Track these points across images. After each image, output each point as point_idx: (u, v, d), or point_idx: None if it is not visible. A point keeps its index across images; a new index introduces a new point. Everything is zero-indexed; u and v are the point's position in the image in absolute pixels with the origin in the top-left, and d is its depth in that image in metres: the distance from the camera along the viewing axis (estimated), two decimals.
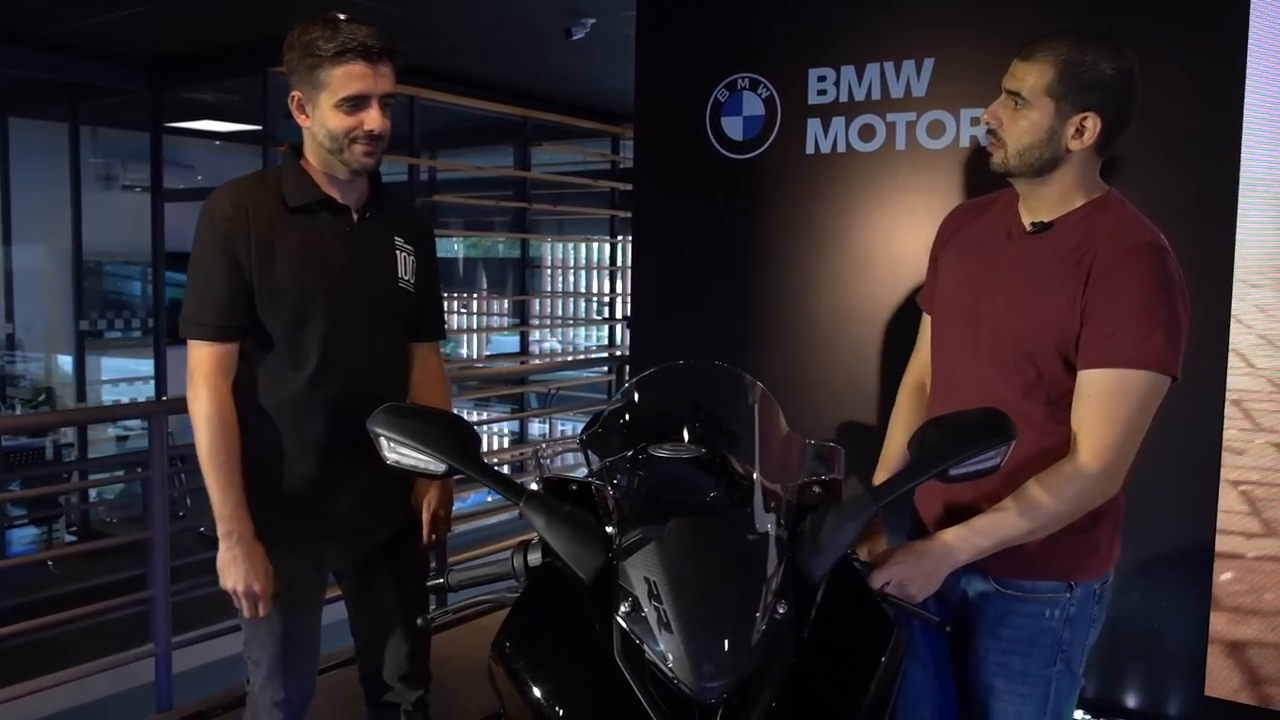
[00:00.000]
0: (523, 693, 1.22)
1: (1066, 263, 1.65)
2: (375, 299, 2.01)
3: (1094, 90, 1.62)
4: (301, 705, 2.05)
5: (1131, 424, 1.61)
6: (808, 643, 1.23)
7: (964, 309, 1.78)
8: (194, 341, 1.90)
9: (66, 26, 5.91)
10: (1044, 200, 1.72)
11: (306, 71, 1.84)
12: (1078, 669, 1.81)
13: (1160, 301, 1.60)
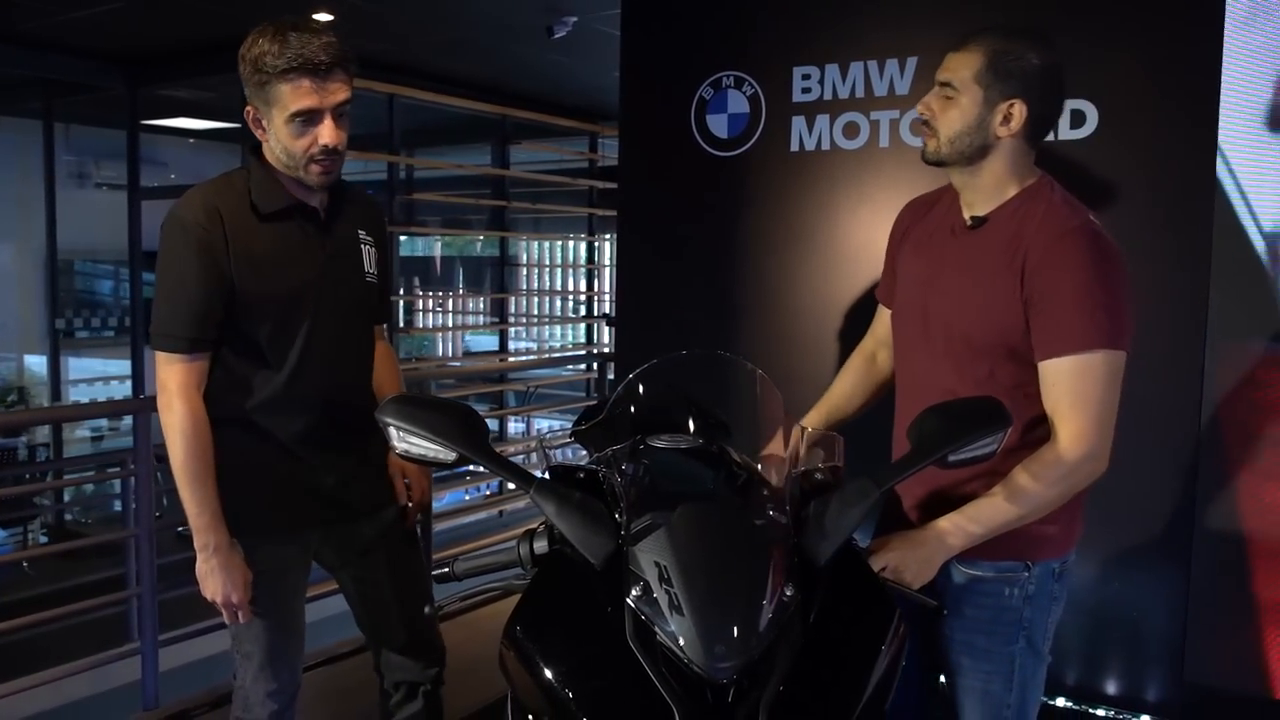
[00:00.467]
0: (535, 676, 1.24)
1: (1002, 259, 1.70)
2: (349, 296, 2.02)
3: (1019, 79, 1.69)
4: (292, 693, 2.06)
5: (1103, 403, 1.66)
6: (814, 625, 1.26)
7: (916, 307, 1.85)
8: (165, 354, 1.86)
9: (41, 21, 5.87)
10: (979, 191, 1.77)
11: (257, 87, 1.82)
12: (1042, 647, 1.85)
13: (1099, 280, 1.65)
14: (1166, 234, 2.76)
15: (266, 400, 1.93)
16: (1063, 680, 2.97)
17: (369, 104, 7.32)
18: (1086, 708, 2.92)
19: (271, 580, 1.97)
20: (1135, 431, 2.81)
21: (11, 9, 5.60)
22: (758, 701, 1.15)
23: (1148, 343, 2.77)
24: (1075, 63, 2.80)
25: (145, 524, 3.26)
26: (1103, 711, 2.90)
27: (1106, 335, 1.63)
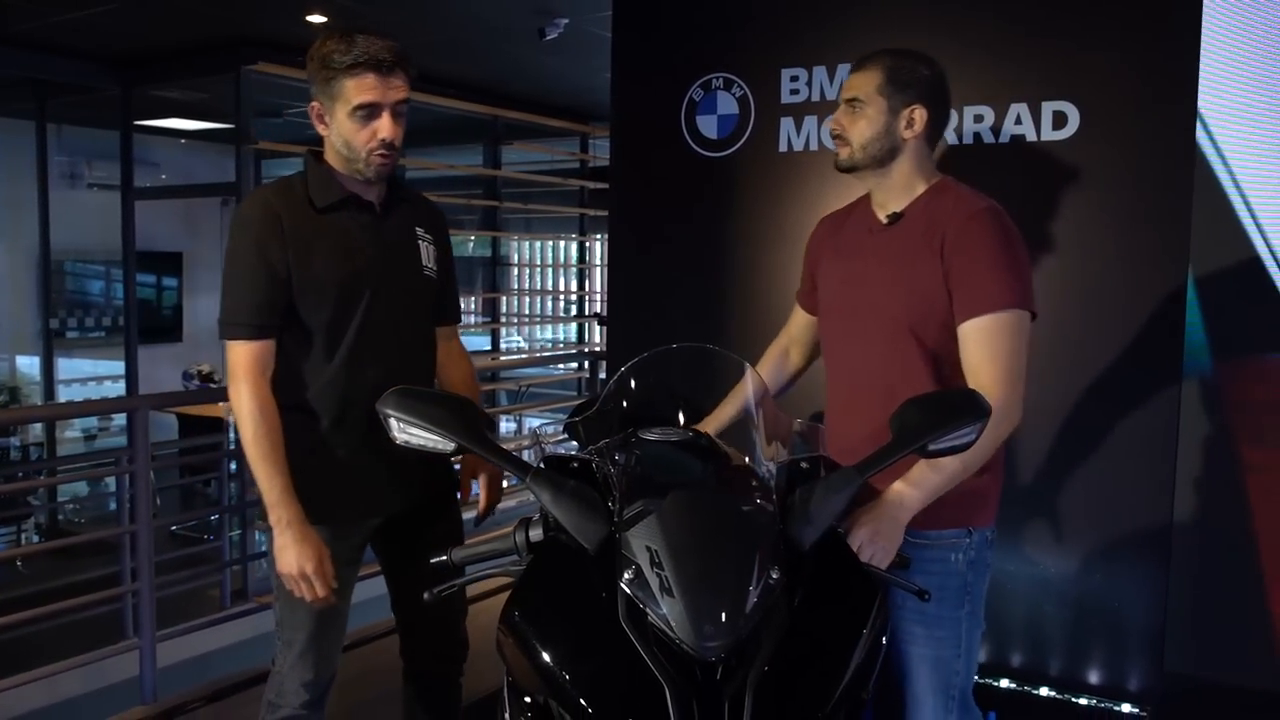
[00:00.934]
0: (532, 660, 1.29)
1: (921, 243, 1.91)
2: (404, 287, 2.10)
3: (916, 87, 1.93)
4: (326, 685, 2.11)
5: (1012, 355, 1.82)
6: (800, 607, 1.31)
7: (846, 305, 2.03)
8: (233, 342, 1.96)
9: (35, 23, 5.88)
10: (891, 191, 1.98)
11: (324, 83, 1.93)
12: (980, 612, 2.01)
13: (1005, 250, 1.86)
14: (1146, 231, 2.82)
15: (323, 388, 2.00)
16: (1046, 670, 3.03)
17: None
18: (1069, 696, 2.98)
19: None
20: (1115, 428, 2.88)
21: (5, 10, 5.62)
22: (745, 680, 1.20)
23: (1127, 340, 2.85)
24: (1056, 65, 2.89)
25: (143, 520, 3.30)
26: (1085, 700, 2.96)
27: (1016, 296, 1.83)
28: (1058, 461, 2.95)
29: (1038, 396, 2.95)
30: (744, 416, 1.75)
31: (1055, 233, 2.92)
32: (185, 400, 7.47)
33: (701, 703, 1.18)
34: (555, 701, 1.25)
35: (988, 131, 2.99)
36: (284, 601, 2.06)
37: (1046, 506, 2.98)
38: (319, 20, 5.51)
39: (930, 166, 2.00)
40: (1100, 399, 2.92)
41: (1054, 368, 2.95)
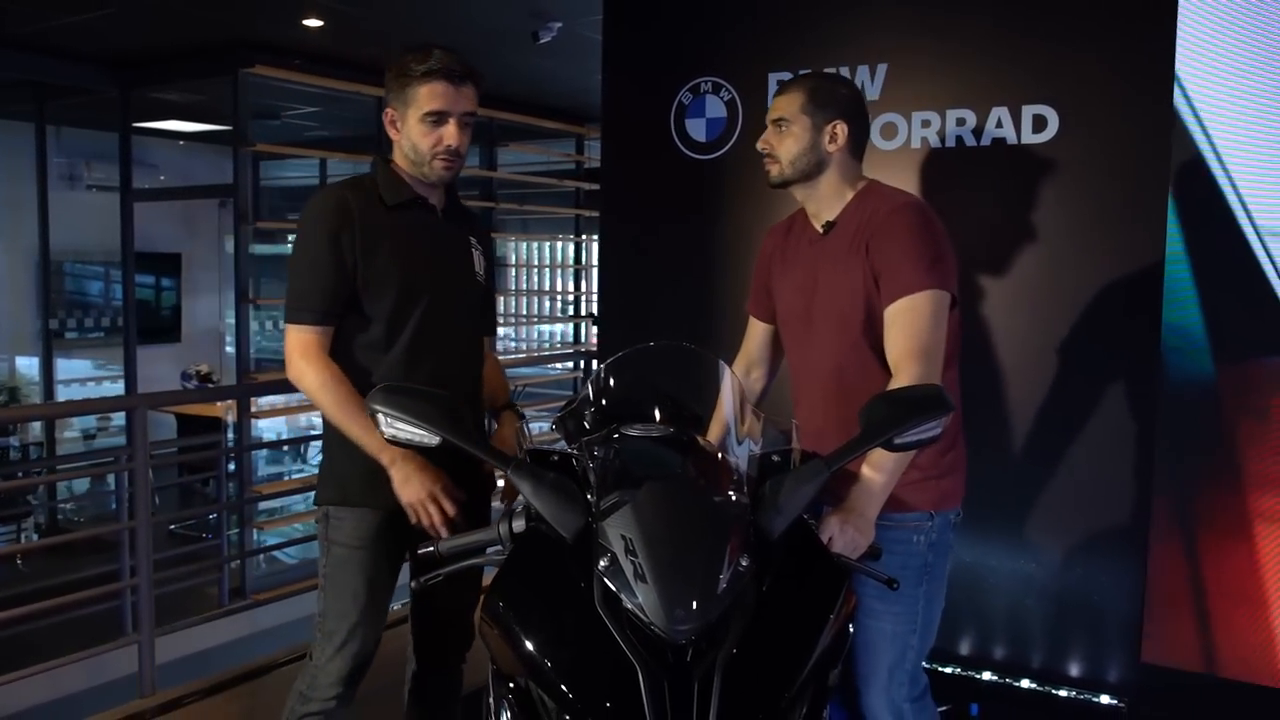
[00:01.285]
0: (513, 645, 1.35)
1: (853, 245, 2.05)
2: (459, 288, 2.23)
3: (836, 105, 2.09)
4: (359, 679, 2.15)
5: (927, 332, 1.93)
6: (768, 593, 1.37)
7: (801, 313, 2.17)
8: (296, 326, 2.05)
9: (34, 26, 5.93)
10: (822, 202, 2.13)
11: (399, 90, 2.06)
12: (941, 590, 2.15)
13: (923, 239, 1.98)
14: (1123, 229, 2.88)
15: (381, 379, 2.05)
16: (1027, 663, 3.09)
17: (358, 106, 7.40)
18: (1049, 688, 3.04)
19: (367, 560, 2.09)
20: (1093, 426, 2.95)
21: (4, 14, 5.66)
22: (714, 662, 1.26)
23: (1103, 337, 2.91)
24: (1036, 70, 2.95)
25: (143, 516, 3.36)
26: (1064, 692, 3.02)
27: (930, 278, 1.95)
28: (1037, 457, 3.01)
29: (1018, 392, 3.03)
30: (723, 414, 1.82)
31: (1035, 232, 2.98)
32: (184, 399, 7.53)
33: (672, 683, 1.24)
34: (535, 684, 1.31)
35: (969, 134, 3.05)
36: (328, 591, 2.12)
37: (1027, 502, 3.04)
38: (315, 24, 5.57)
39: (856, 174, 2.14)
40: (1079, 395, 2.98)
41: (1033, 364, 3.01)
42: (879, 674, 2.08)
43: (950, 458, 2.12)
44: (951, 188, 3.08)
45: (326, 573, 2.14)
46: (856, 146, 2.13)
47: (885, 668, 2.08)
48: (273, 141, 8.34)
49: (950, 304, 2.00)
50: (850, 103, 2.11)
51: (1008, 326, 3.03)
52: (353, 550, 2.10)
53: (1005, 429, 3.06)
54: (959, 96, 3.06)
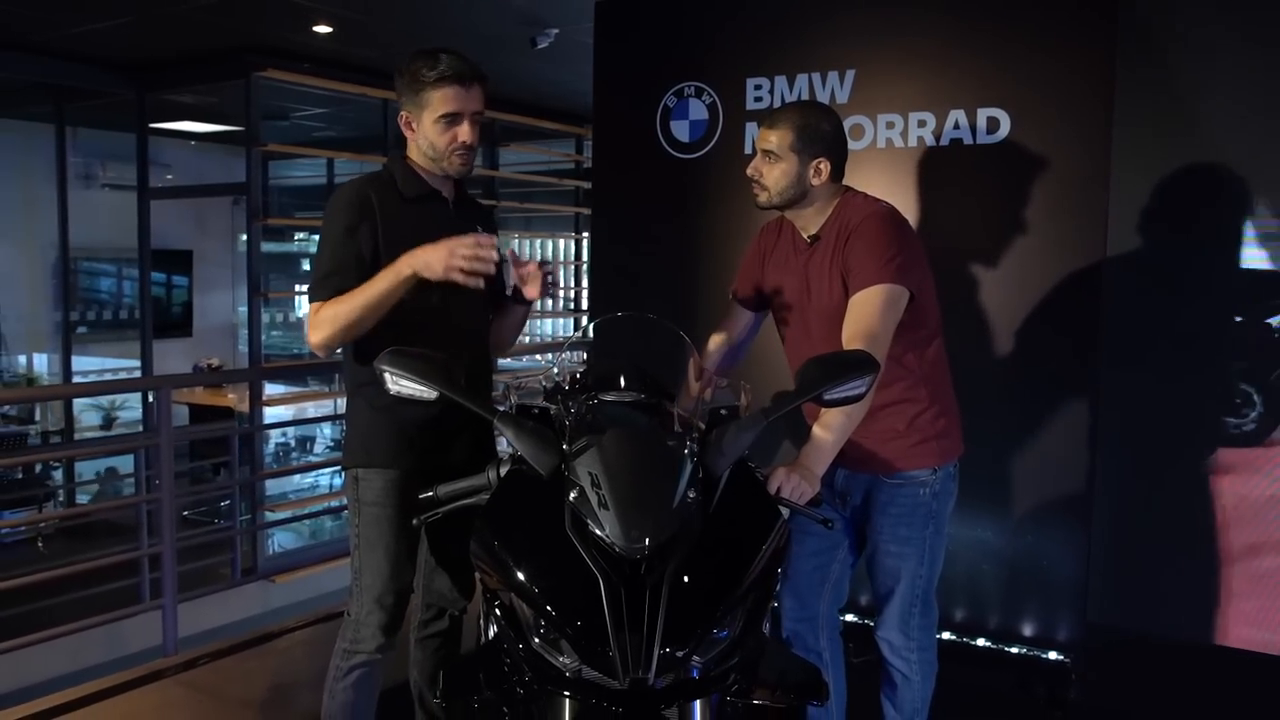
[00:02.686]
0: (497, 565, 1.60)
1: (834, 253, 2.29)
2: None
3: (822, 142, 2.28)
4: (399, 627, 2.35)
5: (874, 320, 2.15)
6: (712, 521, 1.63)
7: (798, 315, 2.41)
8: (318, 303, 2.21)
9: (54, 33, 6.21)
10: (807, 220, 2.36)
11: (413, 95, 2.23)
12: (944, 528, 2.45)
13: (884, 242, 2.21)
14: (1068, 221, 3.13)
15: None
16: (984, 624, 3.33)
17: (364, 108, 7.66)
18: (1003, 646, 3.29)
19: (394, 516, 2.28)
20: (1040, 404, 3.20)
21: (26, 22, 5.93)
22: (663, 574, 1.51)
23: (1051, 320, 3.15)
24: (990, 76, 3.20)
25: (167, 486, 3.62)
26: (1016, 649, 3.27)
27: (884, 274, 2.17)
28: (992, 433, 3.25)
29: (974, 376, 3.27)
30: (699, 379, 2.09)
31: (990, 224, 3.24)
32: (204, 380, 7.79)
33: (628, 592, 1.49)
34: (515, 597, 1.56)
35: (930, 135, 3.30)
36: (362, 548, 2.32)
37: (983, 476, 3.28)
38: (324, 30, 5.83)
39: (837, 190, 2.35)
40: (1029, 378, 3.23)
41: (986, 349, 3.27)
42: (895, 598, 2.44)
43: (944, 421, 2.39)
44: (914, 185, 3.33)
45: (359, 531, 2.34)
46: (838, 173, 2.34)
47: (899, 595, 2.44)
48: (283, 142, 8.61)
49: (909, 298, 2.21)
50: (834, 139, 2.31)
51: (963, 314, 3.27)
52: (381, 508, 2.30)
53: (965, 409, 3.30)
54: (920, 100, 3.31)
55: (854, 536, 2.49)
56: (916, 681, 2.49)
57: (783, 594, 2.55)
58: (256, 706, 3.20)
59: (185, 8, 5.47)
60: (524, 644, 1.56)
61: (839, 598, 2.54)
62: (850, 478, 2.42)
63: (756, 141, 2.34)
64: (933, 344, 2.37)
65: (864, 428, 2.26)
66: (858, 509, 2.45)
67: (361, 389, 2.30)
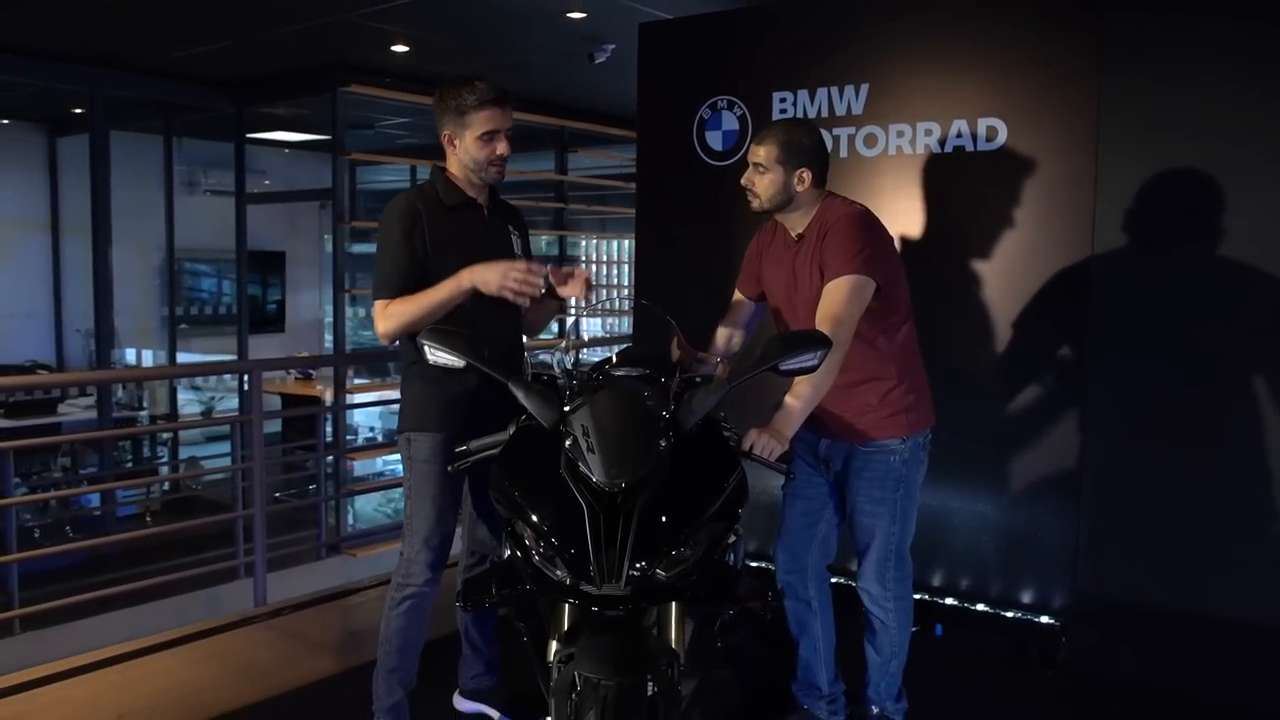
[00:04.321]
0: (508, 499, 2.01)
1: (815, 249, 2.62)
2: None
3: (802, 154, 2.62)
4: (443, 565, 2.75)
5: (840, 306, 2.47)
6: (679, 466, 2.00)
7: (787, 304, 2.74)
8: (381, 300, 2.61)
9: (163, 57, 6.88)
10: (795, 221, 2.71)
11: (456, 116, 2.61)
12: (914, 492, 2.78)
13: (854, 239, 2.54)
14: (1058, 220, 3.41)
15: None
16: (985, 590, 3.62)
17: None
18: (999, 611, 3.58)
19: (440, 472, 2.66)
20: (1034, 387, 3.49)
21: (140, 48, 6.59)
22: (635, 505, 1.90)
23: (1042, 308, 3.44)
24: (989, 88, 3.51)
25: (257, 459, 4.13)
26: (1011, 614, 3.56)
27: (852, 266, 2.50)
28: (991, 415, 3.56)
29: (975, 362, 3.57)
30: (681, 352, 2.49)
31: (988, 222, 3.53)
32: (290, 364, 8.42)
33: (606, 518, 1.88)
34: (521, 521, 1.97)
35: (935, 143, 3.61)
36: (413, 498, 2.73)
37: (983, 453, 3.58)
38: (401, 49, 6.35)
39: (819, 194, 2.69)
40: (1023, 364, 3.52)
41: (985, 336, 3.56)
42: (871, 552, 2.77)
43: (913, 397, 2.72)
44: (921, 187, 3.64)
45: (411, 484, 2.75)
46: (819, 179, 2.67)
47: (875, 548, 2.76)
48: (369, 149, 9.20)
49: (875, 287, 2.54)
50: (814, 150, 2.64)
51: (962, 304, 3.58)
52: (429, 465, 2.70)
53: (966, 393, 3.61)
54: (927, 111, 3.62)
55: (838, 499, 2.84)
56: (893, 628, 2.81)
57: (777, 549, 2.92)
58: (331, 646, 3.67)
59: (278, 32, 6.04)
60: (528, 560, 1.96)
61: (827, 553, 2.89)
62: (831, 446, 2.78)
63: (748, 156, 2.69)
64: (903, 328, 2.70)
65: (841, 402, 2.65)
66: (839, 474, 2.79)
67: (414, 365, 2.71)
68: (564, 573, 1.89)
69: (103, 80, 7.28)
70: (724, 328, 2.99)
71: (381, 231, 2.70)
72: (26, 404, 7.13)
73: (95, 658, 3.48)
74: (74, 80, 7.24)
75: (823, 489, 2.84)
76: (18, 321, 8.93)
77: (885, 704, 2.87)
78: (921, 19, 3.63)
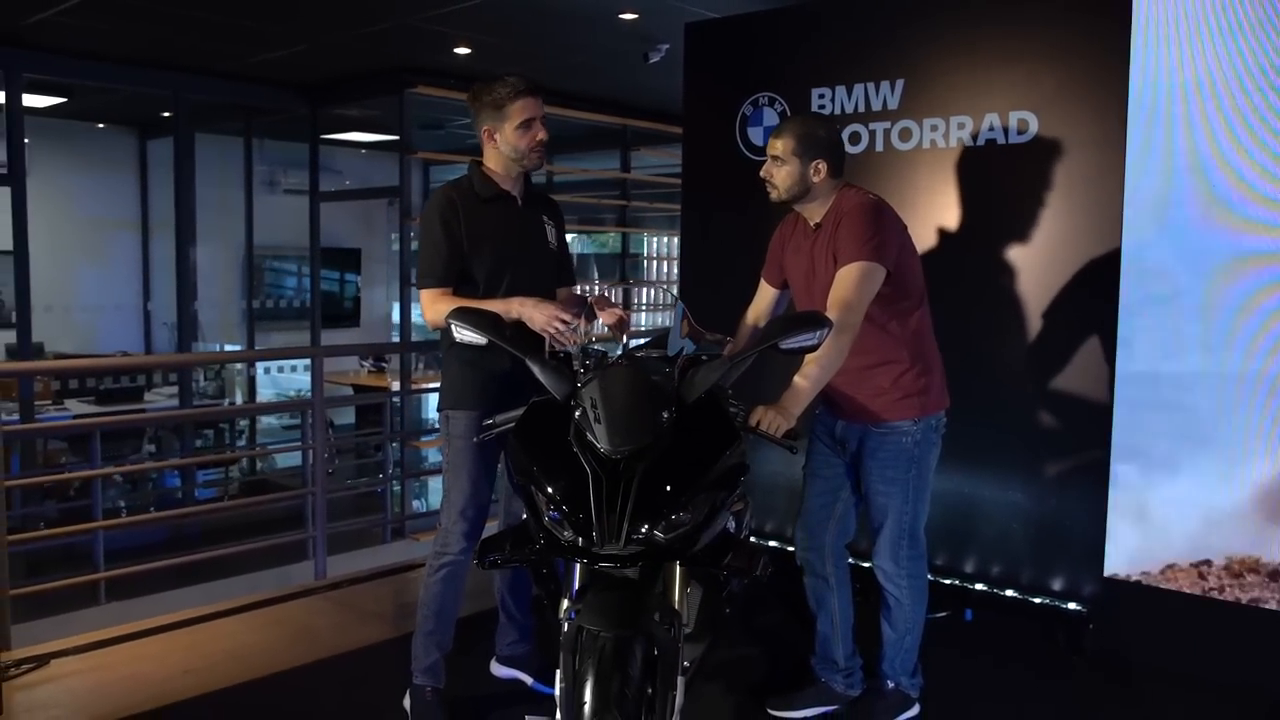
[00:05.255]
0: (522, 465, 2.17)
1: (829, 238, 2.73)
2: (537, 255, 2.95)
3: (818, 146, 2.74)
4: (478, 535, 2.91)
5: (850, 290, 2.58)
6: (681, 437, 2.13)
7: (806, 290, 2.85)
8: (425, 289, 2.79)
9: (241, 61, 7.23)
10: (812, 211, 2.83)
11: (494, 110, 2.78)
12: (927, 475, 2.88)
13: (864, 227, 2.65)
14: (1089, 209, 3.46)
15: None
16: (1017, 577, 3.69)
17: None
18: (1029, 597, 3.64)
19: (475, 447, 2.83)
20: (1059, 376, 3.54)
21: (221, 54, 6.95)
22: (635, 470, 2.04)
23: (1069, 295, 3.49)
24: (1020, 82, 3.57)
25: (319, 439, 4.37)
26: (1038, 600, 3.62)
27: (863, 252, 2.61)
28: (1020, 403, 3.62)
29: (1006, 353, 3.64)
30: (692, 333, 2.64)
31: (1019, 214, 3.59)
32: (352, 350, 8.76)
33: (609, 483, 2.02)
34: (533, 485, 2.12)
35: (968, 136, 3.68)
36: (450, 472, 2.92)
37: (1014, 445, 3.65)
38: (464, 51, 6.58)
39: (836, 186, 2.79)
40: (1053, 355, 3.57)
41: (1015, 326, 3.62)
42: (885, 530, 2.88)
43: (925, 380, 2.81)
44: (954, 180, 3.72)
45: (449, 459, 2.94)
46: (835, 170, 2.77)
47: (888, 526, 2.87)
48: (440, 149, 9.48)
49: (885, 274, 2.64)
50: (828, 142, 2.75)
51: (994, 294, 3.65)
52: (465, 440, 2.87)
53: (998, 382, 3.67)
54: (960, 105, 3.70)
55: (855, 479, 2.95)
56: (907, 605, 2.91)
57: (796, 528, 3.04)
58: (383, 616, 3.88)
59: (348, 35, 6.31)
60: (539, 522, 2.12)
61: (845, 532, 2.99)
62: (847, 427, 2.88)
63: (767, 149, 2.82)
64: (915, 314, 2.80)
65: (856, 385, 2.76)
66: (854, 455, 2.90)
67: (453, 348, 2.87)
68: (571, 533, 2.03)
69: (186, 85, 7.68)
70: (750, 315, 3.11)
71: (423, 224, 2.89)
72: (115, 391, 7.55)
73: (168, 620, 3.74)
74: (160, 85, 7.64)
75: (840, 469, 2.95)
76: (108, 314, 9.43)
77: (900, 678, 2.96)
78: (954, 15, 3.72)
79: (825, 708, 3.00)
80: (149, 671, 3.34)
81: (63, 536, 6.04)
